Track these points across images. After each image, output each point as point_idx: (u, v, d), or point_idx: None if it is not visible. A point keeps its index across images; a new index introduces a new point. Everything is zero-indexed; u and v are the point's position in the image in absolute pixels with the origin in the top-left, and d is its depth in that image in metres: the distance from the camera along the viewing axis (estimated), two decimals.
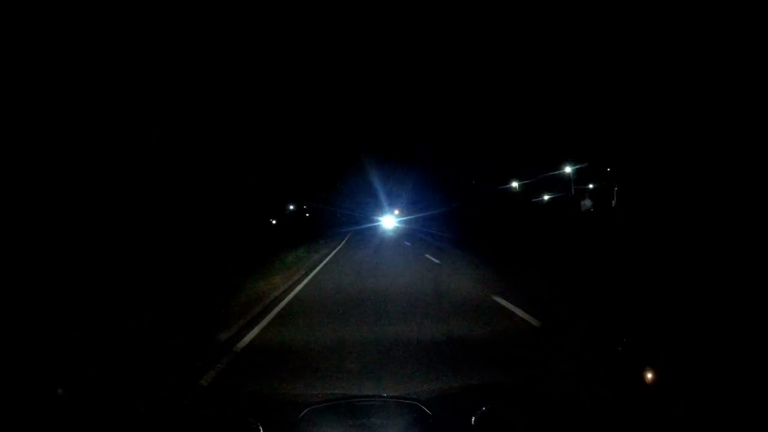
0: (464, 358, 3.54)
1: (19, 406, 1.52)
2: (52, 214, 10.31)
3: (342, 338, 4.15)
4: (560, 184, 30.93)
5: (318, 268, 10.22)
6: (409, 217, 41.95)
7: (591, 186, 29.71)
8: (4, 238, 8.24)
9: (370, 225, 37.92)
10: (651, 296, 5.63)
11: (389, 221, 38.75)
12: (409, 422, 1.37)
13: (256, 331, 4.57)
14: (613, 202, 23.35)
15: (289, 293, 6.82)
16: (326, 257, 12.99)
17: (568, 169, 29.08)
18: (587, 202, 28.90)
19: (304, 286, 7.70)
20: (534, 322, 4.45)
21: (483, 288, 6.50)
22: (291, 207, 43.08)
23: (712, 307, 4.55)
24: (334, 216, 54.99)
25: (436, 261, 10.86)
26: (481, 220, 26.99)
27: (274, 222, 34.04)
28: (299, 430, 1.34)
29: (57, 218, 10.35)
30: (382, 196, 44.64)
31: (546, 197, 33.90)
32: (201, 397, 2.49)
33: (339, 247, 17.54)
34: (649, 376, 1.61)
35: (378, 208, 43.64)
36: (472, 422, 1.28)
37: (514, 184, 35.77)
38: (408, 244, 17.63)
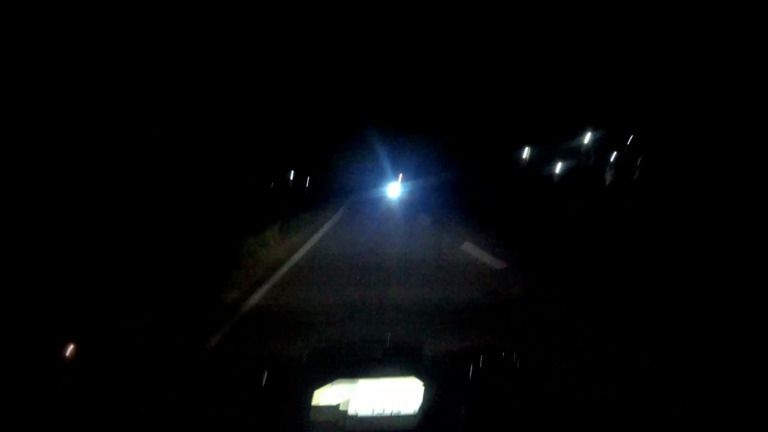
0: None
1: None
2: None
3: None
4: (575, 153, 28.70)
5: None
6: (416, 184, 41.22)
7: (615, 154, 27.17)
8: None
9: (373, 192, 36.06)
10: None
11: (394, 189, 36.16)
12: (411, 362, 1.40)
13: None
14: (635, 176, 21.90)
15: None
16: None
17: (587, 137, 26.52)
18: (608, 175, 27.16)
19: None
20: None
21: None
22: (291, 173, 42.21)
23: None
24: (332, 182, 53.85)
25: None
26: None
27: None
28: (301, 372, 1.38)
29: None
30: (388, 164, 42.85)
31: (558, 168, 30.97)
32: (207, 354, 2.64)
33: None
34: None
35: (383, 175, 41.94)
36: (470, 371, 1.35)
37: (527, 152, 33.01)
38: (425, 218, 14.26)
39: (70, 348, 1.68)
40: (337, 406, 1.17)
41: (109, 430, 1.32)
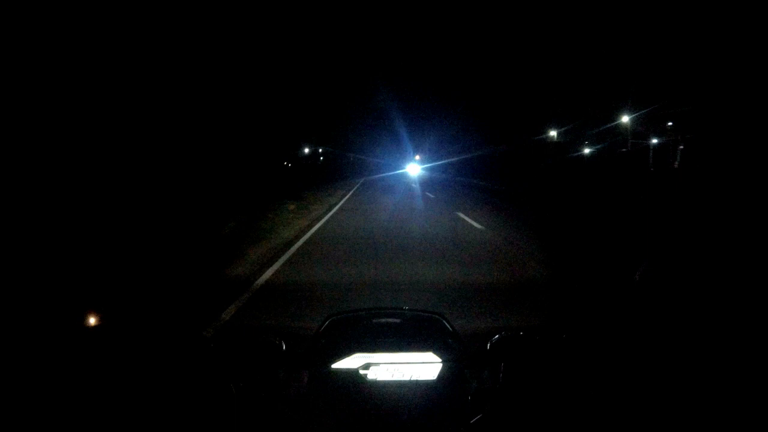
0: None
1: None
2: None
3: None
4: (610, 136, 26.06)
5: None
6: (434, 164, 41.43)
7: (654, 141, 24.21)
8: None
9: (390, 173, 36.27)
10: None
11: (413, 168, 37.56)
12: (430, 336, 1.43)
13: None
14: (676, 164, 20.32)
15: None
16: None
17: (625, 119, 23.57)
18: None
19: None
20: None
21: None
22: (306, 150, 41.38)
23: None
24: (349, 161, 53.84)
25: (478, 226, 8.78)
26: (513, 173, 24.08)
27: (288, 165, 33.22)
28: (319, 343, 1.38)
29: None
30: (407, 141, 42.54)
31: (587, 150, 28.84)
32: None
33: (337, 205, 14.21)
34: None
35: (401, 154, 42.80)
36: (488, 347, 1.34)
37: (552, 133, 30.62)
38: (431, 196, 16.50)
39: (92, 318, 1.49)
40: (356, 371, 1.17)
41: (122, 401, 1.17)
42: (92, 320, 1.46)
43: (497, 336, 1.41)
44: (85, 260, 4.98)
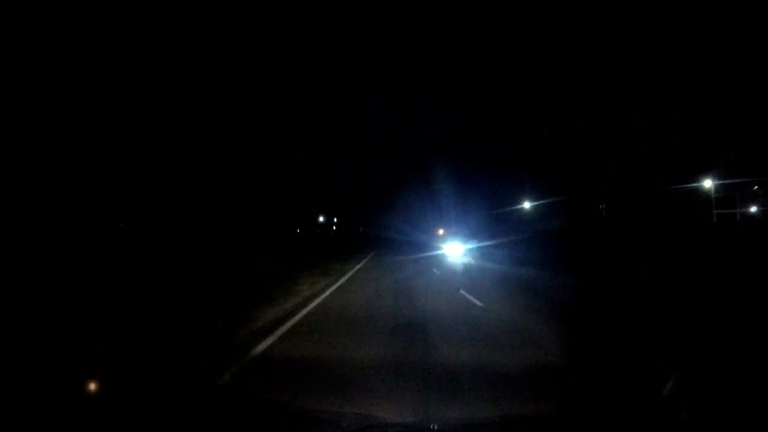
0: None
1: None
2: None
3: None
4: None
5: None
6: (482, 244, 22.29)
7: None
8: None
9: (418, 254, 21.59)
10: None
11: (454, 249, 20.07)
12: None
13: None
14: None
15: None
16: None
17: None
18: None
19: None
20: None
21: None
22: (321, 219, 43.12)
23: None
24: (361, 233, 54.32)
25: None
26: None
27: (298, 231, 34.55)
28: None
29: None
30: (446, 213, 31.07)
31: (753, 209, 19.57)
32: (220, 400, 2.40)
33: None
34: None
35: (435, 229, 26.03)
36: None
37: (707, 184, 18.82)
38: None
39: (92, 384, 1.68)
40: None
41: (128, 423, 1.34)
42: (92, 386, 1.66)
43: None
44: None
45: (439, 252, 20.82)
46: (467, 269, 15.20)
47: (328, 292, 9.46)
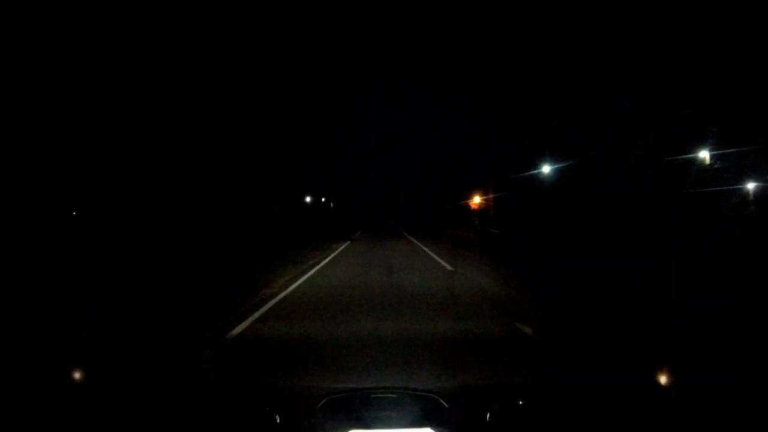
0: None
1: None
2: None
3: None
4: None
5: None
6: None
7: None
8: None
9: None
10: None
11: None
12: (426, 414, 1.41)
13: None
14: None
15: None
16: None
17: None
18: None
19: None
20: None
21: None
22: (307, 199, 42.86)
23: None
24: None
25: None
26: None
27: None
28: (316, 420, 1.37)
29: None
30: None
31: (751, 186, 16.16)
32: (218, 385, 2.55)
33: None
34: None
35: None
36: (487, 418, 1.34)
37: (704, 155, 14.86)
38: None
39: (78, 372, 1.71)
40: None
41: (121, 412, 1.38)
42: (77, 375, 1.68)
43: (496, 407, 1.46)
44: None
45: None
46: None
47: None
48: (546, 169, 21.44)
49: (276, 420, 1.32)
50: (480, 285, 8.68)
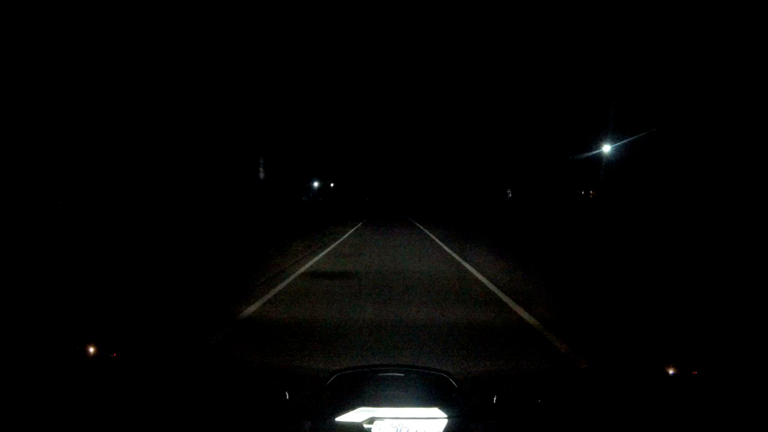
0: None
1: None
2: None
3: None
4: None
5: None
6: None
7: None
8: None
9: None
10: None
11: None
12: (434, 394, 1.42)
13: None
14: None
15: None
16: None
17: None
18: None
19: None
20: None
21: None
22: (315, 184, 42.93)
23: None
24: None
25: None
26: None
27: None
28: (325, 396, 1.39)
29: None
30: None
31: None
32: (226, 363, 2.54)
33: None
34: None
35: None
36: (494, 400, 1.35)
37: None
38: None
39: (90, 349, 1.72)
40: (361, 425, 1.20)
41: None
42: (92, 350, 1.64)
43: (504, 389, 1.48)
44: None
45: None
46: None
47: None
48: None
49: (285, 396, 1.34)
50: None
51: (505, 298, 6.20)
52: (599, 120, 18.49)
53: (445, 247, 12.75)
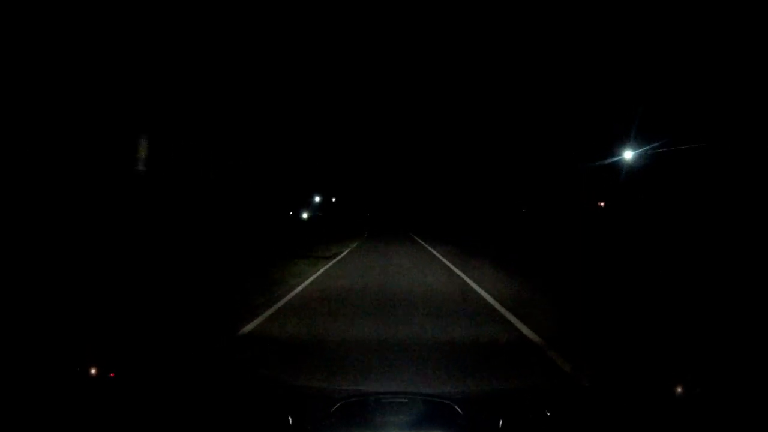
0: None
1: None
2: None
3: None
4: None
5: None
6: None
7: None
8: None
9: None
10: None
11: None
12: (439, 420, 1.43)
13: None
14: None
15: None
16: None
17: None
18: None
19: None
20: None
21: None
22: (317, 199, 43.10)
23: None
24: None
25: None
26: None
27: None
28: (329, 423, 1.37)
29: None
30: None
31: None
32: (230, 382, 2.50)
33: None
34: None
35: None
36: (500, 425, 1.33)
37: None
38: None
39: (89, 369, 1.72)
40: None
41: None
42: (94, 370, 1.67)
43: (508, 412, 1.48)
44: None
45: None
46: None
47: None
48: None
49: (288, 422, 1.33)
50: None
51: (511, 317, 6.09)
52: (612, 128, 17.72)
53: (450, 264, 12.58)
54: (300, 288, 8.34)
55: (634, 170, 17.02)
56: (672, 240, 14.65)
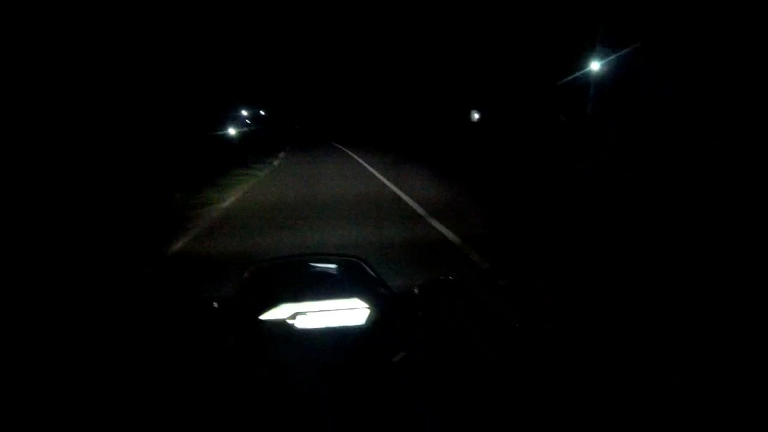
0: None
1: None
2: None
3: None
4: None
5: None
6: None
7: None
8: None
9: None
10: None
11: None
12: (354, 281, 1.48)
13: None
14: None
15: None
16: None
17: None
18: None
19: None
20: None
21: None
22: (243, 113, 40.44)
23: None
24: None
25: None
26: None
27: None
28: (244, 293, 1.44)
29: None
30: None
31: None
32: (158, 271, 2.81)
33: None
34: None
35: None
36: (415, 291, 1.40)
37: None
38: None
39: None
40: (285, 321, 1.20)
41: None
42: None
43: (426, 279, 1.49)
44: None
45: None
46: None
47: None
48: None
49: (214, 306, 1.37)
50: None
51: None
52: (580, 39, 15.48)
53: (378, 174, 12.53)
54: (228, 203, 8.65)
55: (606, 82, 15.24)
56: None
